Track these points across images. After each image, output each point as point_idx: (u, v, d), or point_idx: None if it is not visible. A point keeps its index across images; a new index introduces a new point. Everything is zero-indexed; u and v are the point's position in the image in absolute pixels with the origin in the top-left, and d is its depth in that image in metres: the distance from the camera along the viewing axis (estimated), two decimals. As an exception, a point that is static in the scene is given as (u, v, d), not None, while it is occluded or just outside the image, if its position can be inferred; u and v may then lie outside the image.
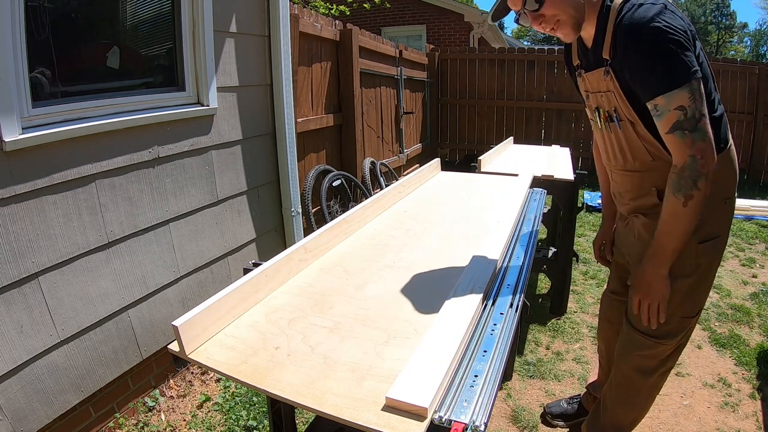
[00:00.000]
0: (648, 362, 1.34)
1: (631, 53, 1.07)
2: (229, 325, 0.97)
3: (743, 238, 4.13)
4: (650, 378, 1.37)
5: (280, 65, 2.55)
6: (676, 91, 1.03)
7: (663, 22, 1.02)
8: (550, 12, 1.14)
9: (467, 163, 6.52)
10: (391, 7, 8.74)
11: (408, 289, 1.14)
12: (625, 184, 1.33)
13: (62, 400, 1.65)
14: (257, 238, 2.59)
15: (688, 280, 1.24)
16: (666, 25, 1.02)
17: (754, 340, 2.46)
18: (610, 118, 1.24)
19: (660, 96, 1.06)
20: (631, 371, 1.38)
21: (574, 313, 2.75)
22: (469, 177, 2.39)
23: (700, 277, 1.26)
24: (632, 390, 1.40)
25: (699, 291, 1.28)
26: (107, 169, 1.75)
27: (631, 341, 1.35)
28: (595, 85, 1.25)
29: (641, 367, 1.35)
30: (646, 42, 1.04)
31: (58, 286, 1.61)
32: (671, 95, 1.04)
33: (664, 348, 1.31)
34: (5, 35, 1.38)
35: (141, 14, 2.00)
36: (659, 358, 1.33)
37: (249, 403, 1.98)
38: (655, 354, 1.32)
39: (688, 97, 1.03)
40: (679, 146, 1.07)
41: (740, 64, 6.15)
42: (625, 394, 1.42)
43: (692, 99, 1.04)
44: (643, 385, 1.38)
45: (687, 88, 1.03)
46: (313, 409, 0.73)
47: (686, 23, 1.06)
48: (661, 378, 1.39)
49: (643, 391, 1.40)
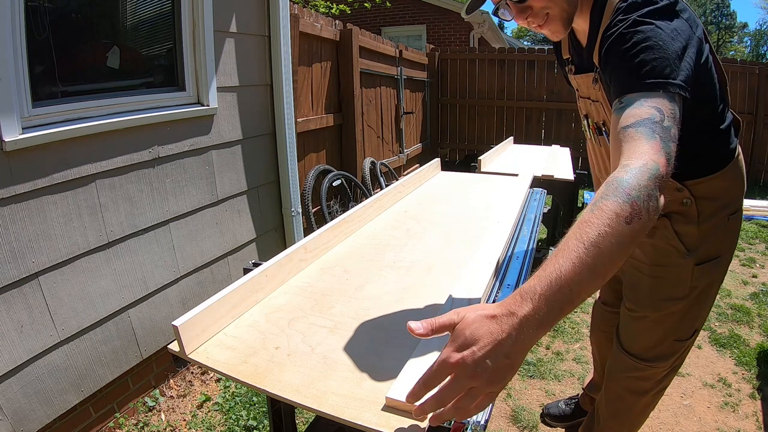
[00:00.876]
0: (640, 384, 1.25)
1: None
2: (229, 325, 0.97)
3: (743, 238, 4.13)
4: (643, 398, 1.27)
5: (280, 65, 2.55)
6: None
7: None
8: (538, 4, 0.95)
9: (467, 163, 6.52)
10: (391, 7, 8.74)
11: (408, 288, 1.14)
12: None
13: (62, 400, 1.65)
14: (257, 238, 2.59)
15: (681, 304, 1.12)
16: None
17: (754, 340, 2.46)
18: (599, 131, 1.14)
19: None
20: (622, 391, 1.29)
21: (574, 313, 2.75)
22: (469, 177, 2.39)
23: (695, 301, 1.13)
24: (623, 408, 1.32)
25: (694, 313, 1.16)
26: (107, 169, 1.75)
27: (621, 363, 1.25)
28: (584, 90, 1.13)
29: (633, 388, 1.26)
30: None
31: (58, 286, 1.61)
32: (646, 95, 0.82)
33: (656, 371, 1.21)
34: (5, 35, 1.38)
35: (141, 14, 2.00)
36: (653, 380, 1.23)
37: (249, 403, 1.98)
38: (647, 376, 1.23)
39: None
40: (640, 144, 0.70)
41: (740, 64, 6.15)
42: (616, 411, 1.34)
43: None
44: (635, 404, 1.29)
45: None
46: (313, 409, 0.73)
47: None
48: (655, 397, 1.29)
49: (636, 409, 1.31)
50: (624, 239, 0.60)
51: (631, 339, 1.23)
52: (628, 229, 0.60)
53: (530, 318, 0.57)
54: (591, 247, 0.59)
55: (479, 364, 0.55)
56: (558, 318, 0.59)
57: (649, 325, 1.18)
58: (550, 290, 0.58)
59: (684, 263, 1.08)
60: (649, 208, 0.63)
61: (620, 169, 0.67)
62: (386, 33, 9.80)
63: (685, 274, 1.09)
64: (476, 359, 0.56)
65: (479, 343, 0.57)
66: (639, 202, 0.62)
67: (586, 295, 0.60)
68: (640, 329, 1.20)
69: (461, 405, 0.57)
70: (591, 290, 0.60)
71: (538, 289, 0.58)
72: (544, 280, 0.59)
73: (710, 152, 1.04)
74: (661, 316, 1.15)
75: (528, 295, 0.59)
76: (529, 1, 0.95)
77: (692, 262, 1.08)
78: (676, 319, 1.14)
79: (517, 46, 13.01)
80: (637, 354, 1.20)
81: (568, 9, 0.97)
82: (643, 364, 1.20)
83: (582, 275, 0.58)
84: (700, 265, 1.08)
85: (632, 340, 1.22)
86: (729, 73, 5.97)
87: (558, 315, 0.58)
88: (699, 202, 1.04)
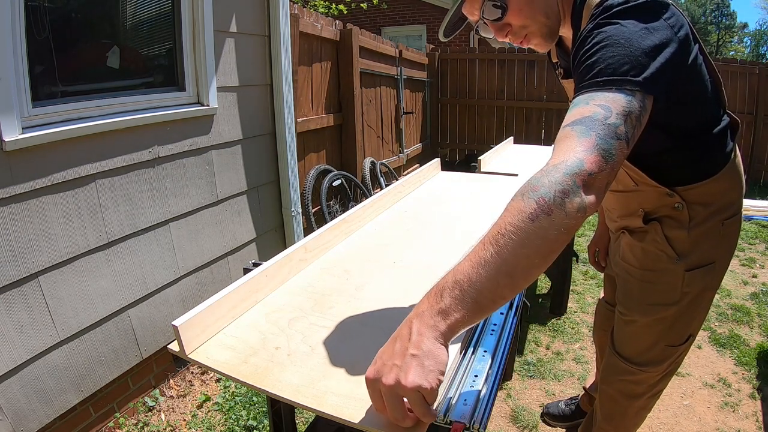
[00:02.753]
0: (634, 388, 1.22)
1: None
2: (229, 324, 0.97)
3: (743, 238, 4.13)
4: (637, 401, 1.25)
5: (280, 65, 2.55)
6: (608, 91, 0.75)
7: None
8: (516, 21, 0.91)
9: (467, 163, 6.53)
10: (391, 7, 8.74)
11: (408, 288, 1.14)
12: (612, 202, 1.21)
13: (62, 399, 1.65)
14: (257, 237, 2.59)
15: (672, 309, 1.09)
16: None
17: (754, 340, 2.46)
18: None
19: None
20: (615, 393, 1.27)
21: (574, 313, 2.75)
22: (469, 177, 2.39)
23: (687, 307, 1.09)
24: (618, 411, 1.30)
25: (686, 319, 1.12)
26: (107, 168, 1.75)
27: (614, 366, 1.23)
28: (571, 94, 1.07)
29: (626, 391, 1.24)
30: None
31: (58, 286, 1.61)
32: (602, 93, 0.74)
33: (648, 375, 1.18)
34: (5, 35, 1.38)
35: (141, 14, 2.00)
36: (646, 383, 1.20)
37: (249, 403, 1.98)
38: (639, 380, 1.20)
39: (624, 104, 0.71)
40: (571, 142, 0.66)
41: (740, 64, 6.15)
42: (611, 415, 1.32)
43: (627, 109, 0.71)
44: (629, 407, 1.27)
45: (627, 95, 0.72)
46: (313, 409, 0.73)
47: None
48: (649, 401, 1.26)
49: (630, 412, 1.29)
50: (528, 236, 0.59)
51: (623, 342, 1.21)
52: (533, 226, 0.59)
53: (425, 311, 0.62)
54: (489, 244, 0.61)
55: (387, 370, 0.61)
56: (464, 309, 0.60)
57: (639, 330, 1.16)
58: (445, 284, 0.62)
59: (674, 268, 1.05)
60: (564, 204, 0.60)
61: (540, 169, 0.65)
62: (386, 33, 9.79)
63: (675, 279, 1.06)
64: (384, 365, 0.61)
65: (384, 355, 0.63)
66: (547, 198, 0.60)
67: (493, 292, 0.60)
68: (631, 333, 1.18)
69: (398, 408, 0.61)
70: (497, 287, 0.60)
71: (434, 286, 0.63)
72: (442, 279, 0.63)
73: (703, 157, 0.99)
74: (651, 321, 1.13)
75: (426, 295, 0.64)
76: (506, 19, 0.90)
77: (682, 268, 1.05)
78: (667, 325, 1.12)
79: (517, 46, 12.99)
80: (629, 357, 1.19)
81: (548, 23, 0.93)
82: (634, 368, 1.18)
83: (479, 272, 0.60)
84: (690, 271, 1.05)
85: (624, 344, 1.21)
86: (729, 73, 5.98)
87: (462, 306, 0.60)
88: (691, 207, 1.01)
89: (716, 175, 1.00)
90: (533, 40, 0.95)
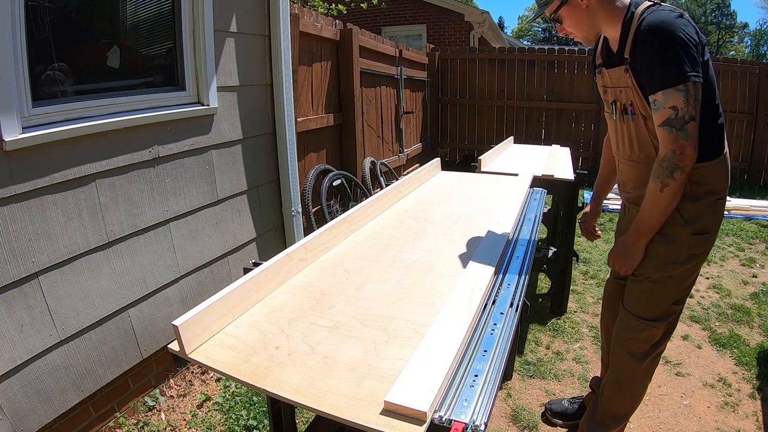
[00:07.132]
0: (640, 347, 1.48)
1: (645, 49, 1.22)
2: (229, 324, 0.97)
3: (743, 238, 4.13)
4: (642, 363, 1.49)
5: (280, 65, 2.55)
6: (671, 90, 1.18)
7: (676, 27, 1.16)
8: (566, 29, 1.42)
9: (467, 163, 6.52)
10: (391, 6, 8.73)
11: (408, 288, 1.14)
12: (629, 173, 1.48)
13: (62, 399, 1.65)
14: (257, 237, 2.59)
15: (681, 268, 1.38)
16: (678, 29, 1.16)
17: (754, 340, 2.46)
18: (625, 111, 1.38)
19: (659, 92, 1.20)
20: (625, 356, 1.51)
21: (574, 312, 2.75)
22: (469, 177, 2.39)
23: (690, 268, 1.39)
24: (628, 375, 1.53)
25: (686, 281, 1.42)
26: (107, 168, 1.75)
27: (627, 325, 1.49)
28: (615, 80, 1.39)
29: (634, 351, 1.49)
30: (657, 40, 1.19)
31: (58, 285, 1.61)
32: (668, 93, 1.18)
33: (654, 332, 1.45)
34: (5, 35, 1.38)
35: (141, 14, 2.00)
36: (650, 342, 1.47)
37: (249, 403, 1.98)
38: (646, 338, 1.46)
39: (683, 99, 1.17)
40: (665, 140, 1.22)
41: (740, 64, 6.15)
42: (621, 379, 1.54)
43: (686, 102, 1.17)
44: (636, 369, 1.51)
45: (683, 90, 1.17)
46: (313, 409, 0.73)
47: (698, 33, 1.20)
48: (652, 363, 1.52)
49: (638, 376, 1.53)
50: (660, 201, 1.27)
51: (635, 300, 1.46)
52: (661, 195, 1.26)
53: (631, 235, 1.40)
54: (642, 210, 1.34)
55: (617, 257, 1.45)
56: (647, 232, 1.36)
57: (650, 287, 1.41)
58: (634, 227, 1.38)
59: (683, 232, 1.34)
60: (674, 176, 1.22)
61: (655, 161, 1.26)
62: (386, 33, 9.79)
63: (684, 241, 1.35)
64: (614, 255, 1.46)
65: (615, 250, 1.47)
66: (664, 177, 1.24)
67: (650, 226, 1.34)
68: (643, 290, 1.43)
69: None
70: (653, 224, 1.34)
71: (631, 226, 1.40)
72: (633, 224, 1.39)
73: (708, 141, 1.27)
74: (661, 278, 1.39)
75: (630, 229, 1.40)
76: (561, 23, 1.41)
77: (689, 232, 1.34)
78: (675, 283, 1.40)
79: (517, 45, 13.00)
80: (639, 314, 1.45)
81: (587, 37, 1.40)
82: (643, 322, 1.44)
83: (645, 219, 1.34)
84: (695, 236, 1.34)
85: (635, 302, 1.46)
86: (729, 72, 5.98)
87: (645, 233, 1.36)
88: (693, 184, 1.30)
89: (716, 159, 1.31)
90: (578, 37, 1.42)
